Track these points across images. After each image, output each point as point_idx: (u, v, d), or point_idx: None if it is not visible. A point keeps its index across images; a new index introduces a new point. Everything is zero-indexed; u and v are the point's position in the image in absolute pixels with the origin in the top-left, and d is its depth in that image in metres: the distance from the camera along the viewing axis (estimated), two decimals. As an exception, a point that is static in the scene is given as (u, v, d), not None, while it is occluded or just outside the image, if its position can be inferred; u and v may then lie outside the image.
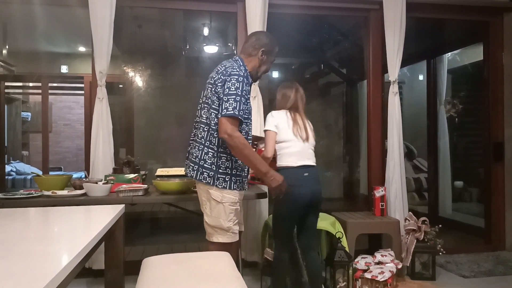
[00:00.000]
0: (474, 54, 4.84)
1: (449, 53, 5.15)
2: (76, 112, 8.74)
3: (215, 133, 2.09)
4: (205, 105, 2.15)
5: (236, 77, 2.06)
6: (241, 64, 2.20)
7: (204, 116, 2.13)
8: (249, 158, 2.06)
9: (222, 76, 2.10)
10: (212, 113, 2.09)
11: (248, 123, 2.18)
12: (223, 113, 2.01)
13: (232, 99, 2.01)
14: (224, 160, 2.11)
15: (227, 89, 2.04)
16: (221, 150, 2.10)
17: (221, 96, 2.05)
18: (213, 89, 2.11)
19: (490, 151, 3.90)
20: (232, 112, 1.99)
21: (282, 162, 2.42)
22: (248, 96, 2.13)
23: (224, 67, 2.15)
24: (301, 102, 2.56)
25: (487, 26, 3.91)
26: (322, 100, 6.70)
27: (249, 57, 2.26)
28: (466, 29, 4.62)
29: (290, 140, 2.42)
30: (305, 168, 2.40)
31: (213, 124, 2.09)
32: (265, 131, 2.45)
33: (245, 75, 2.12)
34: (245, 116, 2.11)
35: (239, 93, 2.03)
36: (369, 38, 3.65)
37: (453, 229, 4.52)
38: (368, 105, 3.69)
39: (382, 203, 3.27)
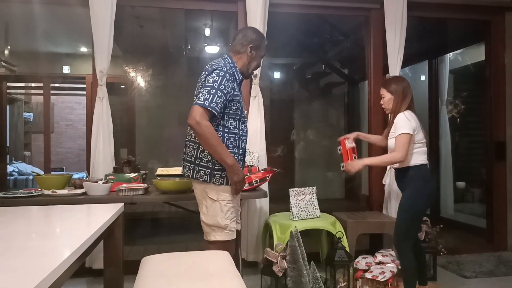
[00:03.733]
0: (476, 54, 4.83)
1: (451, 53, 5.14)
2: (78, 113, 8.76)
3: None
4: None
5: (218, 71, 2.07)
6: (230, 61, 2.19)
7: None
8: (215, 148, 2.02)
9: (205, 72, 2.13)
10: None
11: (236, 119, 2.15)
12: (194, 102, 2.02)
13: (206, 91, 2.01)
14: None
15: (206, 81, 2.06)
16: None
17: (200, 89, 2.07)
18: (198, 87, 2.14)
19: (492, 151, 3.88)
20: (203, 102, 1.97)
21: (417, 160, 2.49)
22: (231, 92, 2.09)
23: (210, 65, 2.16)
24: None
25: (489, 26, 3.89)
26: (324, 100, 6.70)
27: (238, 54, 2.23)
28: (467, 29, 4.61)
29: (422, 140, 2.52)
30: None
31: None
32: (402, 134, 2.42)
33: (229, 71, 2.11)
34: (232, 112, 2.11)
35: (216, 86, 2.02)
36: (370, 37, 3.64)
37: (455, 229, 4.50)
38: (369, 105, 3.68)
39: (355, 155, 2.74)
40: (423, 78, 6.18)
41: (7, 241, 1.31)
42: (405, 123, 2.44)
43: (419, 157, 2.50)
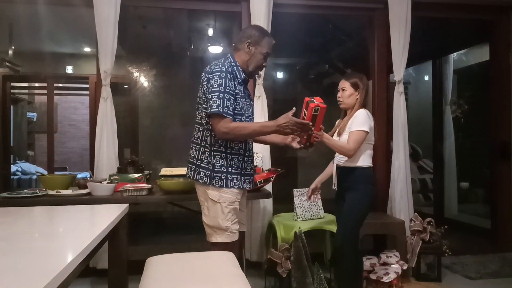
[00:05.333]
0: (480, 54, 4.81)
1: (455, 53, 5.12)
2: (81, 113, 8.78)
3: (207, 132, 2.10)
4: (198, 106, 2.15)
5: (218, 73, 2.04)
6: (231, 60, 2.16)
7: (198, 116, 2.14)
8: (254, 133, 2.10)
9: (207, 75, 2.10)
10: (203, 112, 2.10)
11: (242, 120, 2.12)
12: (208, 112, 2.02)
13: (216, 96, 2.00)
14: (218, 159, 2.10)
15: (211, 87, 2.03)
16: (214, 148, 2.10)
17: (207, 95, 2.05)
18: (202, 89, 2.12)
19: (496, 151, 3.86)
20: (216, 109, 1.99)
21: (365, 162, 2.44)
22: (236, 91, 2.07)
23: (209, 66, 2.13)
24: None
25: (493, 26, 3.88)
26: (327, 100, 6.59)
27: (238, 51, 2.19)
28: (472, 29, 4.59)
29: (373, 141, 2.48)
30: None
31: (205, 123, 2.11)
32: (360, 130, 2.35)
33: (229, 70, 2.08)
34: (236, 112, 2.09)
35: (222, 90, 2.01)
36: (374, 37, 3.63)
37: (459, 230, 4.47)
38: (373, 105, 3.66)
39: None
40: (426, 78, 6.16)
41: (13, 242, 1.31)
42: (365, 120, 2.37)
43: (367, 159, 2.44)
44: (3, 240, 1.30)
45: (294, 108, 2.06)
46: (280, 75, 6.85)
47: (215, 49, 5.48)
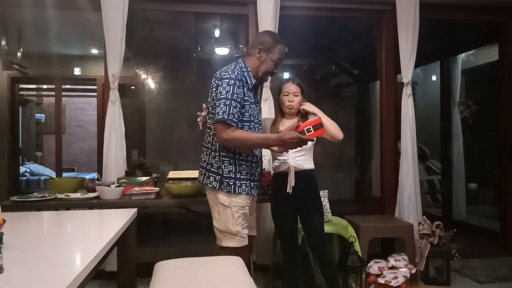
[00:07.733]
0: (489, 54, 4.76)
1: (463, 54, 5.07)
2: (89, 114, 8.84)
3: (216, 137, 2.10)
4: (209, 110, 2.15)
5: (227, 80, 2.04)
6: (242, 65, 2.15)
7: (209, 121, 2.14)
8: (256, 145, 2.10)
9: (216, 81, 2.10)
10: (212, 118, 2.09)
11: (251, 127, 2.12)
12: (215, 119, 2.02)
13: (222, 103, 2.00)
14: (227, 164, 2.10)
15: (219, 94, 2.03)
16: (223, 154, 2.10)
17: (215, 101, 2.05)
18: (211, 94, 2.12)
19: (505, 153, 3.82)
20: (222, 116, 1.98)
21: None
22: (244, 98, 2.07)
23: (220, 71, 2.13)
24: None
25: (502, 26, 3.83)
26: (333, 101, 6.65)
27: (249, 56, 2.18)
28: (480, 29, 4.54)
29: None
30: None
31: (213, 129, 2.10)
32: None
33: (238, 77, 2.06)
34: (245, 119, 2.09)
35: (229, 97, 2.00)
36: (382, 39, 3.61)
37: (468, 232, 4.43)
38: (381, 106, 3.64)
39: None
40: (434, 78, 6.12)
41: (24, 251, 1.31)
42: None
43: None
44: (15, 249, 1.31)
45: (299, 123, 2.06)
46: (286, 75, 6.83)
47: (221, 51, 5.48)
